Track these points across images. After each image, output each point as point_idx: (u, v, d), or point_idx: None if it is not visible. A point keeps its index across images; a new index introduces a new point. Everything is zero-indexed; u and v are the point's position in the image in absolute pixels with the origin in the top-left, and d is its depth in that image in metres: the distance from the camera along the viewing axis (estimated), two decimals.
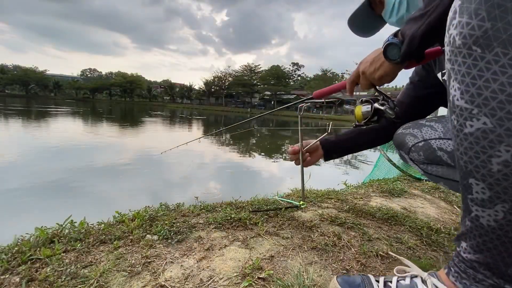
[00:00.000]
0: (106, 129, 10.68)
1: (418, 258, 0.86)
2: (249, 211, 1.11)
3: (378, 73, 0.61)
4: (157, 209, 1.09)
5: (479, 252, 0.44)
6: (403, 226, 1.11)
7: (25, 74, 61.34)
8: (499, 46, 0.30)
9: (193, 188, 3.97)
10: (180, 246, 0.82)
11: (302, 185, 1.26)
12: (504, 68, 0.30)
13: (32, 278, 0.62)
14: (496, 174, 0.35)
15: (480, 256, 0.45)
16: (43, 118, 13.48)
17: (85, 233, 0.84)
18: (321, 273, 0.73)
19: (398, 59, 0.56)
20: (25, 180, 3.59)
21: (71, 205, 2.93)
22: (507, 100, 0.31)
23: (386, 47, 0.57)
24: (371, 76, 0.64)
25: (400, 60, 0.56)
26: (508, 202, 0.36)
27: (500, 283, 0.44)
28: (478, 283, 0.46)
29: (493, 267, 0.44)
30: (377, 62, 0.61)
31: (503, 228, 0.39)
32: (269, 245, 0.86)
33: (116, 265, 0.70)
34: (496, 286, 0.44)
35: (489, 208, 0.39)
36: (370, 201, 1.46)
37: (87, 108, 27.10)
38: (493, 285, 0.45)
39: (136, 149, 6.59)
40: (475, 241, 0.44)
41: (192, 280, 0.66)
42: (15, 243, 0.77)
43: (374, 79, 0.64)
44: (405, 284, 0.55)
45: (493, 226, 0.40)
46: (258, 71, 58.94)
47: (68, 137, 7.52)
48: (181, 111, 34.57)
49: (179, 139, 9.34)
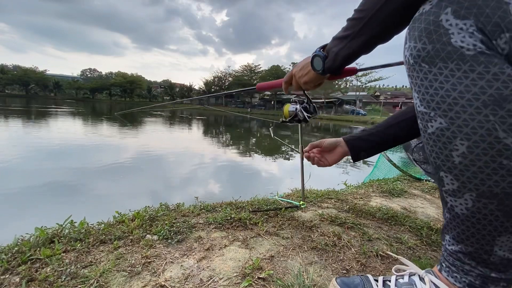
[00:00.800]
0: (106, 129, 10.69)
1: (418, 258, 0.86)
2: (249, 211, 1.11)
3: (304, 79, 0.70)
4: (157, 209, 1.10)
5: (460, 242, 0.47)
6: (403, 226, 1.12)
7: (25, 74, 61.32)
8: (440, 62, 0.38)
9: (193, 188, 3.97)
10: (180, 246, 0.82)
11: (302, 185, 1.26)
12: (447, 77, 0.38)
13: (32, 278, 0.62)
14: (459, 166, 0.41)
15: (462, 246, 0.47)
16: (43, 118, 13.48)
17: (85, 233, 0.84)
18: (321, 273, 0.73)
19: (321, 71, 0.63)
20: (25, 180, 3.59)
21: (71, 205, 2.93)
22: (454, 102, 0.38)
23: (313, 58, 0.64)
24: (299, 80, 0.71)
25: (322, 72, 0.63)
26: (474, 191, 0.41)
27: (486, 272, 0.46)
28: (467, 275, 0.48)
29: (476, 256, 0.46)
30: (305, 69, 0.68)
31: (475, 216, 0.42)
32: (269, 245, 0.86)
33: (116, 265, 0.70)
34: (483, 275, 0.46)
35: (459, 197, 0.43)
36: (370, 201, 1.46)
37: (87, 108, 27.13)
38: (481, 275, 0.46)
39: (136, 149, 6.59)
40: (455, 231, 0.47)
41: (192, 280, 0.66)
42: (15, 243, 0.77)
43: (301, 83, 0.72)
44: (403, 282, 0.55)
45: (466, 214, 0.43)
46: (258, 71, 58.95)
47: (68, 137, 7.52)
48: (181, 111, 34.55)
49: (179, 139, 9.35)
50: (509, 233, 0.41)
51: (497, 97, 0.35)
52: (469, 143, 0.38)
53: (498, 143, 0.36)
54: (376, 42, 0.54)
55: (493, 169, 0.38)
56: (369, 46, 0.55)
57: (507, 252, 0.43)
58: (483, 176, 0.39)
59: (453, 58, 0.37)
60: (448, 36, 0.37)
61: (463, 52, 0.36)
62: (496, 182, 0.38)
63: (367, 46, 0.54)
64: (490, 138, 0.36)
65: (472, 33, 0.35)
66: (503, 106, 0.35)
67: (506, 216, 0.40)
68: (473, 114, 0.37)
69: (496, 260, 0.44)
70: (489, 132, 0.36)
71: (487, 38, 0.35)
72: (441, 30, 0.37)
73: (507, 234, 0.41)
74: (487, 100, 0.35)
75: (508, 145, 0.36)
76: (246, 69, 58.95)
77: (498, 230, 0.41)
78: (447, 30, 0.37)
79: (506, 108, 0.35)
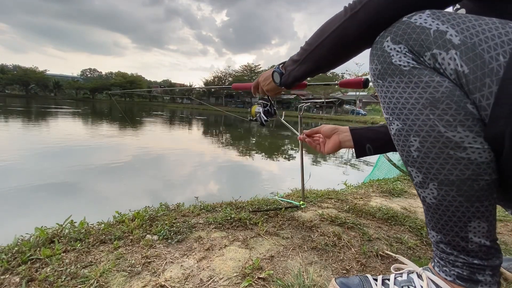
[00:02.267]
0: (106, 129, 10.69)
1: (418, 258, 0.86)
2: (249, 211, 1.11)
3: (266, 87, 0.84)
4: (157, 209, 1.10)
5: (439, 232, 0.51)
6: (403, 226, 1.12)
7: (25, 74, 61.30)
8: (388, 77, 0.48)
9: (193, 188, 3.97)
10: (180, 246, 0.83)
11: (302, 185, 1.26)
12: (395, 89, 0.47)
13: (32, 278, 0.62)
14: (418, 159, 0.47)
15: (441, 236, 0.50)
16: (43, 118, 13.49)
17: (85, 233, 0.84)
18: (321, 273, 0.74)
19: (278, 84, 0.77)
20: (25, 180, 3.59)
21: (71, 205, 2.93)
22: (402, 107, 0.47)
23: (273, 73, 0.78)
24: (263, 87, 0.85)
25: (279, 85, 0.77)
26: (434, 180, 0.46)
27: (468, 259, 0.48)
28: (454, 267, 0.50)
29: (455, 245, 0.49)
30: (267, 79, 0.82)
31: (442, 203, 0.47)
32: (269, 245, 0.86)
33: (116, 265, 0.70)
34: (468, 264, 0.49)
35: (425, 188, 0.48)
36: (370, 201, 1.46)
37: (87, 108, 27.12)
38: (465, 263, 0.49)
39: (137, 149, 6.59)
40: (433, 222, 0.51)
41: (192, 280, 0.66)
42: (15, 243, 0.77)
43: (264, 90, 0.86)
44: (402, 280, 0.57)
45: (435, 203, 0.48)
46: (258, 71, 58.95)
47: (68, 137, 7.52)
48: (181, 111, 34.54)
49: (179, 139, 9.35)
50: (477, 218, 0.45)
51: (432, 100, 0.43)
52: (420, 139, 0.46)
53: (441, 137, 0.43)
54: (319, 70, 0.65)
55: (443, 159, 0.44)
56: (313, 72, 0.66)
57: (483, 239, 0.47)
58: (438, 166, 0.45)
59: (396, 74, 0.46)
60: (390, 58, 0.47)
61: (402, 68, 0.46)
62: (449, 170, 0.44)
63: (312, 72, 0.66)
64: (434, 133, 0.44)
65: (405, 54, 0.45)
66: (438, 106, 0.43)
67: (468, 201, 0.44)
68: (417, 115, 0.45)
69: (475, 247, 0.47)
70: (432, 128, 0.44)
71: (416, 56, 0.44)
72: (385, 53, 0.48)
73: (476, 219, 0.45)
74: (425, 103, 0.44)
75: (449, 138, 0.43)
76: (246, 69, 58.98)
77: (466, 216, 0.46)
78: (389, 53, 0.47)
79: (440, 107, 0.43)
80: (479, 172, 0.42)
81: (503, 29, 0.38)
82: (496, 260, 0.48)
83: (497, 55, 0.37)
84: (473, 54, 0.39)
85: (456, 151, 0.43)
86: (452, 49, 0.40)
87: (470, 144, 0.42)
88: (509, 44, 0.37)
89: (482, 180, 0.43)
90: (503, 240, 1.07)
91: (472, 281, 0.48)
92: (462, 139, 0.42)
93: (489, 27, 0.39)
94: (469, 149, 0.42)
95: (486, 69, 0.38)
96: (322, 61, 0.62)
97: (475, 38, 0.39)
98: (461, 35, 0.40)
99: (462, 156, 0.42)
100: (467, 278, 0.49)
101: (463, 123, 0.41)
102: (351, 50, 0.57)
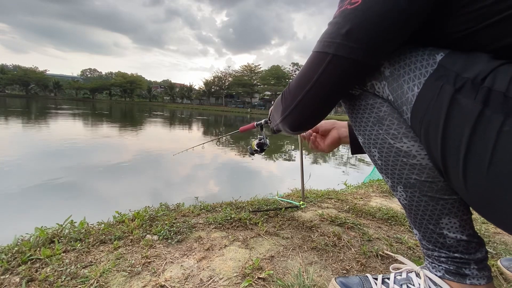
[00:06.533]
0: (106, 129, 10.69)
1: (418, 258, 0.86)
2: (249, 211, 1.11)
3: None
4: (157, 209, 1.10)
5: (418, 230, 0.53)
6: (403, 226, 1.12)
7: (25, 74, 61.31)
8: (348, 101, 0.57)
9: (193, 188, 3.97)
10: (180, 246, 0.82)
11: (302, 185, 1.26)
12: (357, 111, 0.55)
13: (32, 278, 0.62)
14: (382, 166, 0.53)
15: (420, 233, 0.53)
16: (43, 118, 13.48)
17: (85, 233, 0.84)
18: (321, 273, 0.74)
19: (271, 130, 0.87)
20: (25, 180, 3.59)
21: (71, 205, 2.93)
22: (360, 125, 0.54)
23: (260, 123, 1.05)
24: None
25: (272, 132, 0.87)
26: (399, 184, 0.51)
27: (450, 254, 0.50)
28: (440, 262, 0.52)
29: (434, 241, 0.51)
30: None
31: (412, 203, 0.50)
32: (269, 245, 0.86)
33: (116, 265, 0.70)
34: (450, 258, 0.50)
35: (396, 191, 0.53)
36: (370, 201, 1.46)
37: (87, 108, 27.12)
38: (448, 258, 0.51)
39: (136, 149, 6.59)
40: (411, 220, 0.54)
41: (192, 280, 0.66)
42: (15, 243, 0.77)
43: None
44: (401, 279, 0.58)
45: (407, 203, 0.52)
46: (258, 71, 58.97)
47: (69, 137, 7.52)
48: (181, 111, 34.54)
49: (180, 139, 9.35)
50: (446, 215, 0.48)
51: (377, 118, 0.50)
52: (378, 150, 0.52)
53: (393, 147, 0.49)
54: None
55: (400, 165, 0.49)
56: None
57: (458, 234, 0.49)
58: (398, 172, 0.50)
59: (351, 99, 0.56)
60: None
61: (354, 94, 0.54)
62: (408, 175, 0.49)
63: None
64: (386, 145, 0.50)
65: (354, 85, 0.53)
66: (383, 123, 0.50)
67: (433, 201, 0.48)
68: (371, 131, 0.52)
69: (453, 242, 0.49)
70: (384, 141, 0.50)
71: (362, 86, 0.52)
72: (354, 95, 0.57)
73: (446, 216, 0.48)
74: (373, 120, 0.51)
75: (399, 148, 0.48)
76: (246, 69, 59.00)
77: (435, 213, 0.48)
78: None
79: (385, 124, 0.49)
80: (434, 175, 0.46)
81: None
82: (478, 254, 0.49)
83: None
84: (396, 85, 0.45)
85: (408, 158, 0.47)
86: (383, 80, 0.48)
87: (418, 152, 0.46)
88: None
89: (439, 182, 0.46)
90: (503, 240, 1.07)
91: (460, 275, 0.50)
92: (410, 148, 0.47)
93: None
94: (418, 156, 0.46)
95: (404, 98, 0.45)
96: None
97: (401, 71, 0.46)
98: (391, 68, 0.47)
99: (415, 163, 0.47)
100: (455, 272, 0.50)
101: (407, 135, 0.47)
102: None
